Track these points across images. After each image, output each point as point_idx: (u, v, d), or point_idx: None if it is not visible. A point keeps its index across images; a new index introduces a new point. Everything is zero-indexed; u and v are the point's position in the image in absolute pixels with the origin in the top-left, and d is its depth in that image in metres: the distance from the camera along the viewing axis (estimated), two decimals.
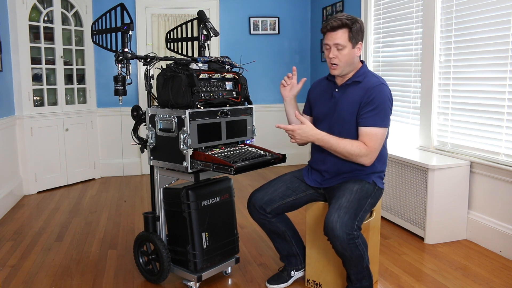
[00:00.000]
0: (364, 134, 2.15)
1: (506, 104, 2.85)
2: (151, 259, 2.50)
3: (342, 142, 2.13)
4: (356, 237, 2.01)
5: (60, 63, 4.69)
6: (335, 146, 2.13)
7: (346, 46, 2.15)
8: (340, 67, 2.19)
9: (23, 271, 2.70)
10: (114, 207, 4.04)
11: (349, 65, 2.20)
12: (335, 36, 2.15)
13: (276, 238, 2.46)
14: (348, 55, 2.17)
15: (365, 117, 2.15)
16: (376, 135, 2.14)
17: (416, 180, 3.17)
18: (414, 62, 3.75)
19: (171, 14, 5.41)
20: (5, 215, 3.81)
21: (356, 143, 2.14)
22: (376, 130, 2.14)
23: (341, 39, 2.14)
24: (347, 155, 2.14)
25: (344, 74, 2.24)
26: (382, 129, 2.16)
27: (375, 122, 2.14)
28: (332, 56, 2.17)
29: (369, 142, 2.14)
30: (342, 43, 2.14)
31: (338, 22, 2.13)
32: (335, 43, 2.15)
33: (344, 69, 2.21)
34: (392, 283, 2.52)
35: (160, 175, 2.44)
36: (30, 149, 4.45)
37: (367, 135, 2.14)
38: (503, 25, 2.85)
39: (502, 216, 2.89)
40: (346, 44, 2.15)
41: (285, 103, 2.47)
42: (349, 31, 2.14)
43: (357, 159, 2.15)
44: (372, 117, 2.14)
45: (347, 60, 2.17)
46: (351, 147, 2.12)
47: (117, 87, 2.31)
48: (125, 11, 2.34)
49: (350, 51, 2.17)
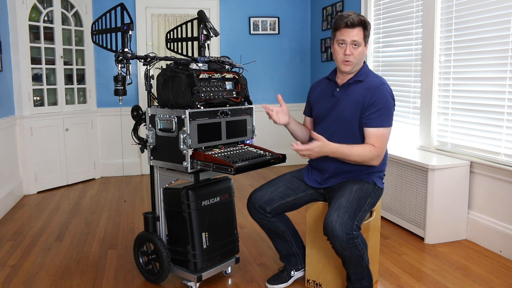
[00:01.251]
0: (372, 135, 2.17)
1: (506, 104, 2.85)
2: (151, 259, 2.50)
3: (354, 149, 2.14)
4: (356, 237, 2.01)
5: (60, 63, 4.69)
6: (349, 155, 2.14)
7: (361, 44, 2.18)
8: (352, 64, 2.21)
9: (23, 271, 2.70)
10: (114, 207, 4.04)
11: (359, 63, 2.23)
12: (352, 32, 2.15)
13: (276, 238, 2.46)
14: (361, 53, 2.20)
15: (371, 118, 2.16)
16: (383, 135, 2.17)
17: (416, 180, 3.17)
18: (414, 62, 3.75)
19: (171, 14, 5.41)
20: (5, 215, 3.81)
21: (367, 148, 2.15)
22: (382, 130, 2.17)
23: (358, 36, 2.16)
24: (360, 161, 2.16)
25: (353, 72, 2.26)
26: (388, 129, 2.19)
27: (381, 122, 2.16)
28: (349, 53, 2.17)
29: (378, 143, 2.16)
30: (359, 41, 2.16)
31: (357, 19, 2.15)
32: (353, 39, 2.16)
33: (355, 67, 2.23)
34: (392, 283, 2.52)
35: (160, 175, 2.44)
36: (30, 149, 4.45)
37: (375, 136, 2.16)
38: (503, 25, 2.85)
39: (502, 216, 2.89)
40: (361, 42, 2.18)
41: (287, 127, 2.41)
42: (365, 29, 2.17)
43: (369, 163, 2.18)
44: (377, 118, 2.16)
45: (360, 58, 2.21)
46: (364, 152, 2.14)
47: (117, 87, 2.31)
48: (125, 11, 2.34)
49: (363, 49, 2.20)
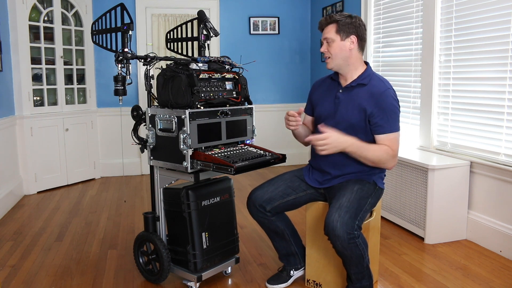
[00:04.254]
0: (385, 140, 2.17)
1: (506, 104, 2.85)
2: (151, 259, 2.50)
3: (372, 147, 2.14)
4: (357, 237, 2.01)
5: (60, 63, 4.69)
6: (366, 151, 2.12)
7: (335, 39, 2.22)
8: (332, 60, 2.24)
9: (23, 271, 2.70)
10: (114, 207, 4.04)
11: (342, 59, 2.22)
12: (325, 31, 2.26)
13: (275, 237, 2.46)
14: (338, 48, 2.22)
15: (380, 126, 2.17)
16: (396, 138, 2.19)
17: (416, 180, 3.17)
18: (414, 62, 3.75)
19: (171, 14, 5.40)
20: (5, 215, 3.81)
21: (384, 148, 2.15)
22: (394, 134, 2.18)
23: (329, 33, 2.23)
24: (377, 161, 2.14)
25: (341, 69, 2.26)
26: (397, 133, 2.21)
27: (391, 127, 2.18)
28: (323, 50, 2.27)
29: (392, 146, 2.16)
30: (330, 37, 2.23)
31: (327, 19, 2.26)
32: (324, 37, 2.26)
33: (337, 63, 2.24)
34: (392, 283, 2.52)
35: (160, 175, 2.44)
36: (30, 149, 4.44)
37: (389, 140, 2.17)
38: (503, 25, 2.85)
39: (502, 216, 2.89)
40: (334, 37, 2.22)
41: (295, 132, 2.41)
42: (337, 25, 2.22)
43: (385, 164, 2.17)
44: (386, 125, 2.17)
45: (337, 52, 2.22)
46: (381, 152, 2.13)
47: (117, 87, 2.31)
48: (125, 11, 2.34)
49: (339, 43, 2.21)
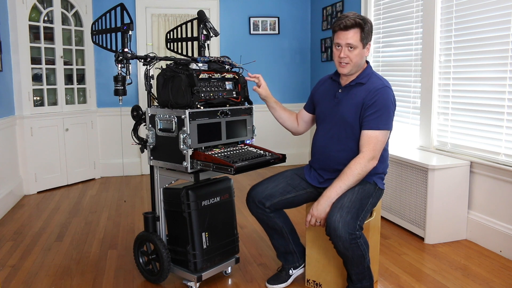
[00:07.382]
0: (365, 137, 2.14)
1: (506, 104, 2.85)
2: (151, 259, 2.50)
3: (345, 173, 2.11)
4: (358, 237, 2.01)
5: (60, 63, 4.69)
6: (346, 184, 2.10)
7: (358, 47, 2.15)
8: (349, 66, 2.19)
9: (23, 271, 2.70)
10: (114, 207, 4.04)
11: (358, 65, 2.21)
12: (347, 35, 2.14)
13: (274, 234, 2.46)
14: (359, 55, 2.17)
15: (367, 120, 2.14)
16: (377, 137, 2.13)
17: (416, 180, 3.17)
18: (414, 62, 3.75)
19: (171, 14, 5.41)
20: (5, 215, 3.81)
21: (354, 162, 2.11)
22: (377, 133, 2.13)
23: (353, 39, 2.13)
24: (361, 175, 2.12)
25: (352, 73, 2.24)
26: (384, 132, 2.15)
27: (378, 124, 2.13)
28: (343, 55, 2.16)
29: (368, 146, 2.12)
30: (354, 43, 2.13)
31: (351, 21, 2.12)
32: (347, 42, 2.14)
33: (353, 69, 2.21)
34: (392, 283, 2.52)
35: (160, 175, 2.44)
36: (30, 149, 4.44)
37: (368, 137, 2.14)
38: (503, 25, 2.85)
39: (502, 216, 2.89)
40: (357, 45, 2.14)
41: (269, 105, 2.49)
42: (361, 31, 2.13)
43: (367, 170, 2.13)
44: (375, 120, 2.13)
45: (358, 60, 2.18)
46: (355, 168, 2.10)
47: (117, 87, 2.31)
48: (125, 11, 2.34)
49: (361, 51, 2.17)
